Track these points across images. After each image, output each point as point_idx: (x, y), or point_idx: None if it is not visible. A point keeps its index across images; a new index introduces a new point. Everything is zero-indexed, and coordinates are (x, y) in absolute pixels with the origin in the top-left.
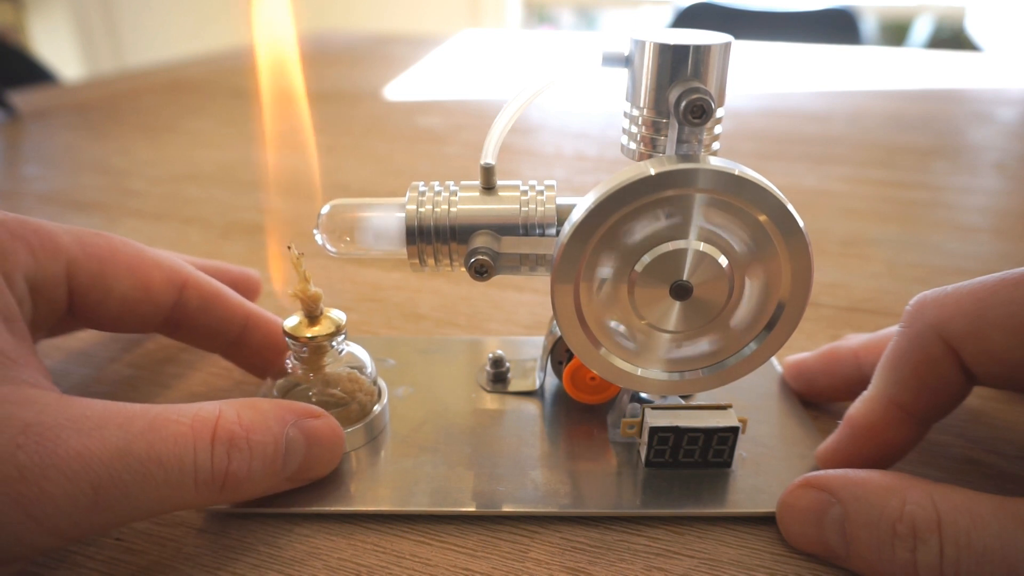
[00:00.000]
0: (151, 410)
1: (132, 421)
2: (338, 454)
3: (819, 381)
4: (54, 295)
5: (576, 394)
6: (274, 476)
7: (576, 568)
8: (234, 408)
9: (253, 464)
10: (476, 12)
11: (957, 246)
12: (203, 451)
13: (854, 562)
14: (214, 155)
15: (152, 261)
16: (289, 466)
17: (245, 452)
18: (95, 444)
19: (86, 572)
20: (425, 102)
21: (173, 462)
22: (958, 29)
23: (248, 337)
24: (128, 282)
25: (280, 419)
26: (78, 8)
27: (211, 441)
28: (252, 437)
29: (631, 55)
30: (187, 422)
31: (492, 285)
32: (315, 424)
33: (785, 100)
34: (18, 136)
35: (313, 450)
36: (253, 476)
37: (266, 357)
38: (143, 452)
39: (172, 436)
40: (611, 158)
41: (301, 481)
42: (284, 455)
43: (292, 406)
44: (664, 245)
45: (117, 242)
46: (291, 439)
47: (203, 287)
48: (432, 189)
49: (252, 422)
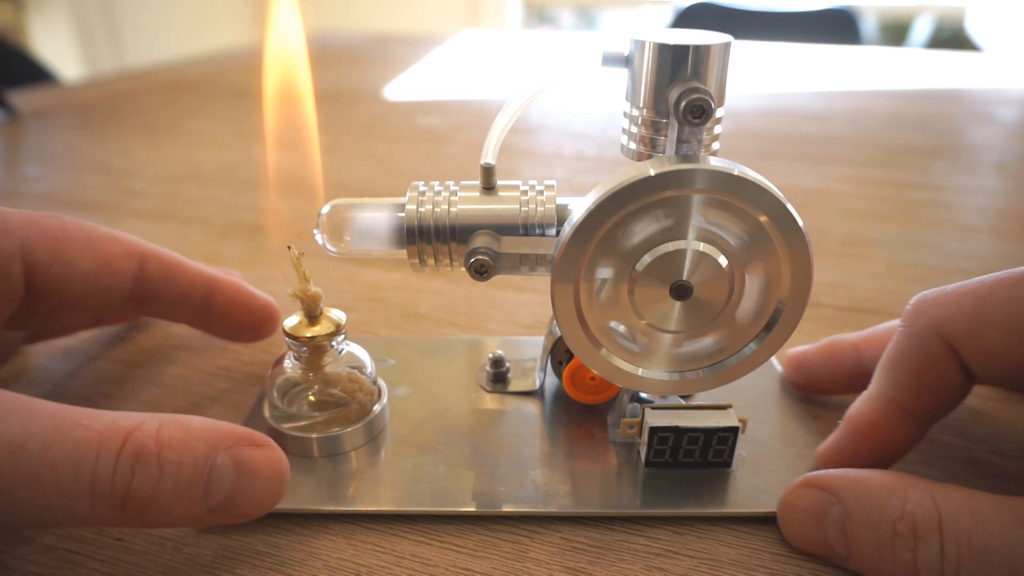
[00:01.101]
0: (63, 410)
1: (38, 418)
2: (277, 493)
3: (819, 373)
4: (9, 274)
5: (576, 394)
6: (190, 503)
7: (576, 568)
8: (157, 421)
9: (162, 484)
10: (476, 12)
11: (957, 246)
12: (105, 461)
13: (855, 562)
14: (214, 155)
15: (108, 236)
16: (212, 496)
17: (153, 469)
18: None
19: (86, 572)
20: (425, 102)
21: (68, 467)
22: (958, 29)
23: (213, 301)
24: (88, 256)
25: (209, 441)
26: (78, 8)
27: (117, 452)
28: (165, 455)
29: (631, 55)
30: (97, 428)
31: (492, 285)
32: (252, 454)
33: (785, 100)
34: (18, 136)
35: (243, 482)
36: (161, 499)
37: (234, 318)
38: (37, 452)
39: (74, 440)
40: (611, 158)
41: (228, 517)
42: (207, 482)
43: (232, 430)
44: (664, 245)
45: (69, 221)
46: (218, 466)
47: (162, 257)
48: (432, 189)
49: (171, 439)
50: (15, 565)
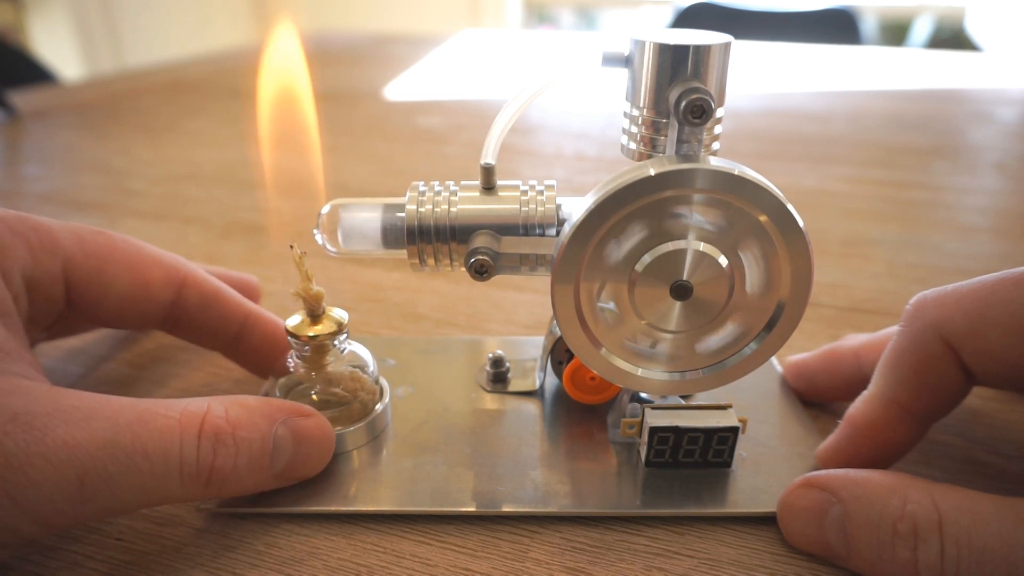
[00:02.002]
0: (140, 404)
1: (120, 413)
2: (327, 453)
3: (819, 381)
4: (51, 292)
5: (576, 394)
6: (261, 473)
7: (576, 568)
8: (222, 404)
9: (239, 460)
10: (476, 12)
11: (957, 246)
12: (189, 445)
13: (855, 562)
14: (214, 155)
15: (152, 259)
16: (277, 463)
17: (231, 447)
18: (82, 434)
19: (86, 572)
20: (425, 102)
21: (159, 454)
22: (958, 29)
23: (247, 335)
24: (127, 279)
25: (268, 416)
26: (78, 8)
27: (198, 435)
28: (238, 433)
29: (631, 55)
30: (175, 416)
31: (492, 285)
32: (304, 423)
33: (785, 100)
34: (18, 136)
35: (301, 448)
36: (239, 472)
37: (265, 356)
38: (129, 443)
39: (159, 429)
40: (611, 158)
41: (290, 479)
42: (272, 452)
43: (282, 404)
44: (664, 245)
45: (117, 239)
46: (279, 437)
47: (202, 285)
48: (432, 189)
49: (239, 418)
50: (15, 565)
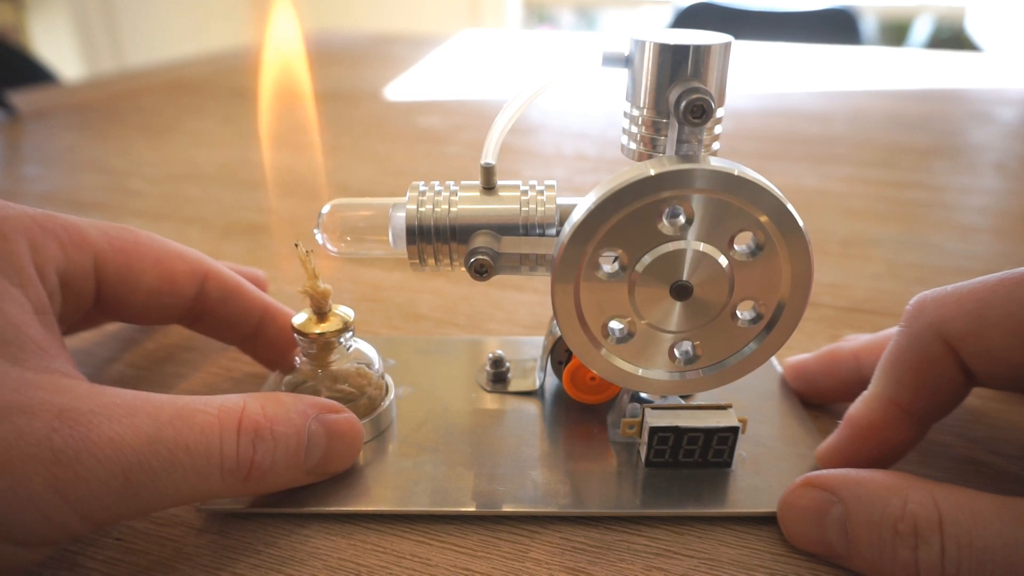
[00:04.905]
0: (177, 400)
1: (161, 409)
2: (357, 449)
3: (819, 382)
4: (82, 289)
5: (576, 394)
6: (296, 468)
7: (576, 568)
8: (258, 400)
9: (277, 455)
10: (476, 12)
11: (957, 246)
12: (229, 441)
13: (855, 561)
14: (214, 155)
15: (176, 253)
16: (311, 459)
17: (269, 443)
18: (126, 431)
19: (86, 572)
20: (425, 102)
21: (200, 450)
22: (958, 29)
23: (265, 329)
24: (154, 274)
25: (302, 412)
26: (78, 8)
27: (237, 431)
28: (276, 428)
29: (631, 55)
30: (213, 412)
31: (492, 285)
32: (336, 419)
33: (785, 100)
34: (18, 136)
35: (333, 444)
36: (276, 467)
37: (281, 350)
38: (172, 440)
39: (200, 425)
40: (611, 158)
41: (321, 475)
42: (306, 448)
43: (314, 401)
44: (664, 245)
45: (141, 235)
46: (313, 432)
47: (224, 279)
48: (432, 189)
49: (276, 414)
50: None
